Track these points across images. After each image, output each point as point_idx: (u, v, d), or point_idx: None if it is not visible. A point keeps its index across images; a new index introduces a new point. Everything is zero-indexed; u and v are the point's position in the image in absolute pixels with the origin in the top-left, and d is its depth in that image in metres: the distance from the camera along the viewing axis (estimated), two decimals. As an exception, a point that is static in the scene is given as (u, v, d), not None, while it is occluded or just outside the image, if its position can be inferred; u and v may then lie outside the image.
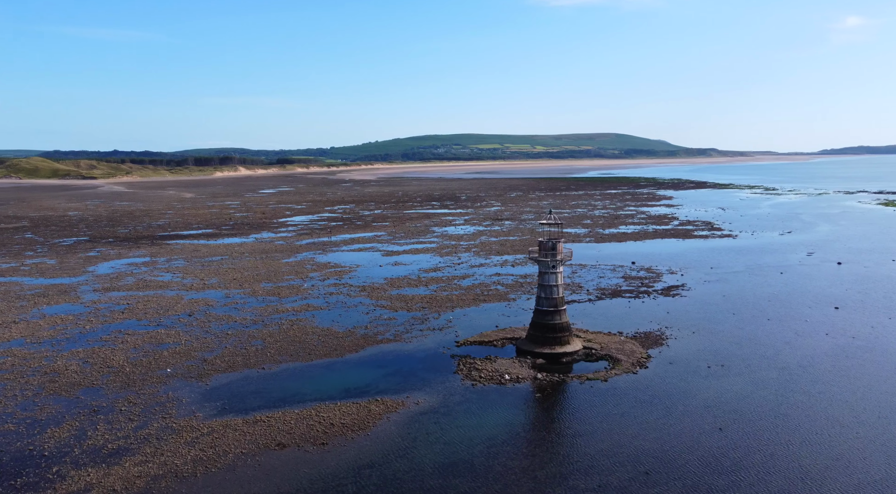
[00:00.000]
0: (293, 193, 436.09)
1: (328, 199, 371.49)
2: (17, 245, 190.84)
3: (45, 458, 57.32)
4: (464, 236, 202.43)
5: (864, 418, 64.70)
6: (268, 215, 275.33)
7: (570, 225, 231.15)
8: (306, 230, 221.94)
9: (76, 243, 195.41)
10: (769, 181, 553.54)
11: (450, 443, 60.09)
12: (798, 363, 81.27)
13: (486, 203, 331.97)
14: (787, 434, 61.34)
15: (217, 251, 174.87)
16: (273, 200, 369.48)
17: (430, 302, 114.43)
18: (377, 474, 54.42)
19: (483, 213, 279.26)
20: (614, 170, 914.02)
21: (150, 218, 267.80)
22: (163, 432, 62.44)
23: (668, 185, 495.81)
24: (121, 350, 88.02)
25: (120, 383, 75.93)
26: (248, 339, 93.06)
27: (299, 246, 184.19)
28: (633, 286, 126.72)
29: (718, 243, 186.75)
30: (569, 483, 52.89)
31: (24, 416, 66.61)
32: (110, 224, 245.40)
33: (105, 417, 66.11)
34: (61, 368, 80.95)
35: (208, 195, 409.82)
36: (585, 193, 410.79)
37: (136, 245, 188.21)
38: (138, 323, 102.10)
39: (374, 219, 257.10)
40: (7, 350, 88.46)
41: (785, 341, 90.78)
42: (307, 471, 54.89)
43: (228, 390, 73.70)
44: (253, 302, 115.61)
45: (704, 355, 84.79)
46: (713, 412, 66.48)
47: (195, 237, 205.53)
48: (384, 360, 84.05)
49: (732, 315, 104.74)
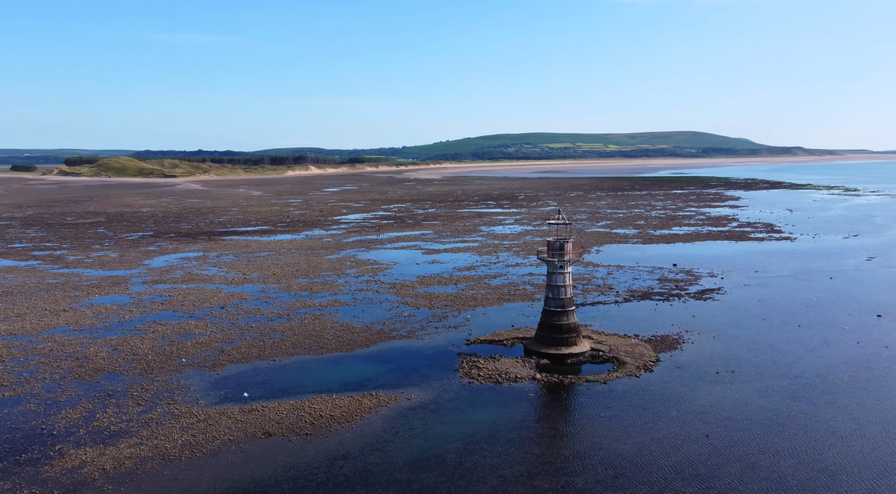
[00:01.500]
0: (355, 191, 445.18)
1: (387, 198, 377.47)
2: (88, 239, 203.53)
3: (53, 437, 61.85)
4: (508, 236, 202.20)
5: (865, 430, 61.65)
6: (324, 213, 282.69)
7: (621, 226, 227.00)
8: (357, 228, 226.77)
9: (140, 237, 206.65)
10: (852, 182, 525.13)
11: (429, 439, 61.10)
12: (815, 372, 77.87)
13: (542, 203, 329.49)
14: (775, 443, 59.22)
15: (266, 247, 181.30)
16: (334, 198, 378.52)
17: (453, 300, 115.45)
18: (349, 465, 56.06)
19: (535, 213, 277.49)
20: (687, 169, 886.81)
21: (214, 215, 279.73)
22: (163, 417, 66.13)
23: (739, 185, 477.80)
24: (149, 339, 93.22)
25: (140, 370, 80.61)
26: (268, 332, 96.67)
27: (345, 243, 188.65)
28: (665, 289, 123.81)
29: (773, 246, 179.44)
30: (533, 482, 52.99)
31: (46, 397, 71.86)
32: (176, 220, 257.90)
33: (116, 401, 70.51)
34: (91, 354, 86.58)
35: (275, 193, 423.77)
36: (648, 193, 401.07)
37: (193, 240, 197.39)
38: (173, 314, 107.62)
39: (426, 217, 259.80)
40: (50, 336, 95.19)
41: (809, 348, 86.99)
42: (284, 459, 57.10)
43: (235, 380, 77.07)
44: (284, 297, 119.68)
45: (717, 360, 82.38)
46: (705, 418, 64.82)
47: (250, 234, 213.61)
48: (391, 356, 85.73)
49: (762, 321, 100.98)
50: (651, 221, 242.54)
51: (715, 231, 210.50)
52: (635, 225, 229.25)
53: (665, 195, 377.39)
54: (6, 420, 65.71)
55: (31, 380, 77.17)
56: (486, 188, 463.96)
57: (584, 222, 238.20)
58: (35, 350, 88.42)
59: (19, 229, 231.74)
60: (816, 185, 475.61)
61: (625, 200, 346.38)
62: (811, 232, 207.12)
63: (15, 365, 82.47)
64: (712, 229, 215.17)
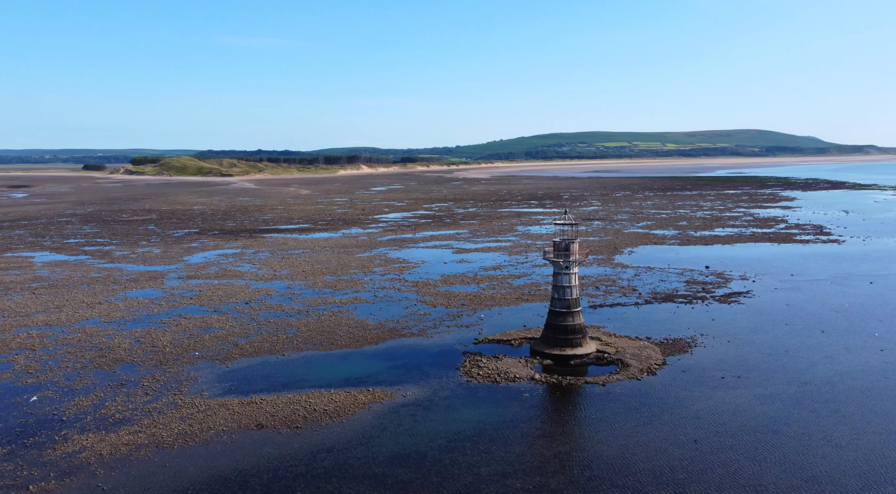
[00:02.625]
0: (401, 190, 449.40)
1: (431, 197, 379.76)
2: (136, 235, 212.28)
3: (62, 423, 65.36)
4: (543, 236, 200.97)
5: (863, 440, 59.40)
6: (366, 212, 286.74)
7: (662, 227, 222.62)
8: (394, 227, 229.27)
9: (186, 234, 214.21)
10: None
11: (414, 435, 61.94)
12: (826, 379, 75.25)
13: (585, 203, 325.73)
14: (765, 450, 57.70)
15: (302, 245, 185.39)
16: (379, 197, 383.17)
17: (472, 300, 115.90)
18: (331, 458, 57.41)
19: (576, 212, 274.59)
20: (747, 169, 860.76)
21: (260, 213, 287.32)
22: (166, 407, 68.98)
23: (798, 185, 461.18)
24: (171, 332, 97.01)
25: (155, 361, 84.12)
26: (285, 327, 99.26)
27: (379, 242, 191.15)
28: (691, 292, 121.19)
29: (818, 248, 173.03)
30: (506, 481, 53.22)
31: (64, 385, 75.86)
32: (223, 218, 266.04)
33: (127, 390, 73.88)
34: (115, 345, 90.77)
35: (322, 192, 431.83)
36: (699, 193, 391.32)
37: (235, 238, 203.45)
38: (199, 308, 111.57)
39: (465, 217, 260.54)
40: (81, 328, 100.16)
41: (826, 355, 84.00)
42: (269, 451, 58.90)
43: (242, 373, 79.60)
44: (308, 293, 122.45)
45: (726, 365, 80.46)
46: (699, 423, 63.59)
47: (289, 232, 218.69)
48: (398, 353, 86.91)
49: (784, 326, 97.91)
50: (694, 222, 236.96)
51: (759, 233, 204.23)
52: (677, 226, 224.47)
53: (716, 196, 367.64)
54: (24, 406, 69.73)
55: (55, 369, 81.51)
56: (532, 188, 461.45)
57: (624, 223, 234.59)
58: (65, 340, 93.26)
59: (77, 226, 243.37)
60: (882, 185, 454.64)
61: (672, 200, 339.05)
62: (862, 235, 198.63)
63: (44, 354, 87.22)
64: (756, 231, 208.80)
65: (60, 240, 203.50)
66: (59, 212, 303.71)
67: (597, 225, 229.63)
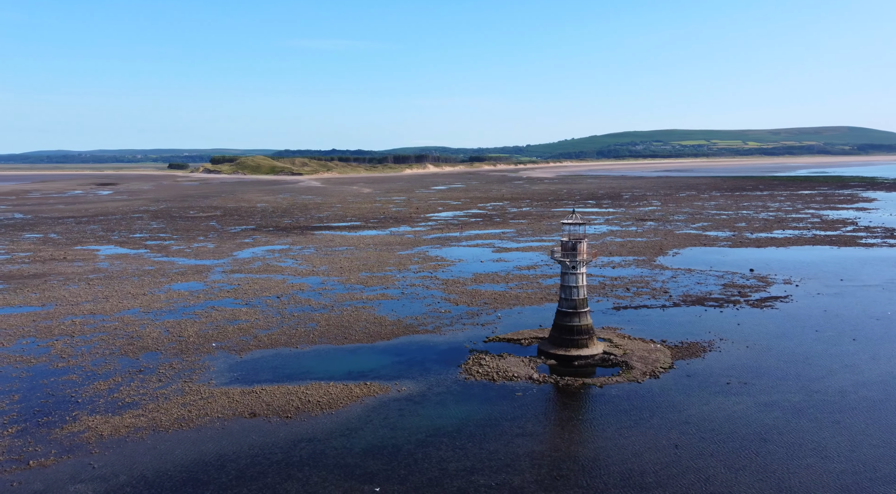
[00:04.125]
0: (461, 189, 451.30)
1: (489, 196, 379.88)
2: (196, 231, 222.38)
3: (77, 405, 70.02)
4: (589, 236, 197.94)
5: (857, 453, 56.58)
6: (420, 210, 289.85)
7: (718, 228, 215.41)
8: (443, 225, 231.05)
9: (242, 230, 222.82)
10: None
11: (396, 429, 63.15)
12: (839, 389, 71.77)
13: (645, 203, 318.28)
14: (748, 458, 55.86)
15: (348, 242, 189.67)
16: (437, 196, 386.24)
17: (495, 298, 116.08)
18: (309, 448, 59.32)
19: (632, 213, 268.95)
20: (832, 168, 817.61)
21: (317, 210, 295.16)
22: (173, 393, 72.75)
23: (884, 185, 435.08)
24: (200, 323, 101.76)
25: (177, 350, 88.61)
26: (306, 321, 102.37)
27: (424, 240, 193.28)
28: (724, 295, 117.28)
29: (880, 252, 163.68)
30: (471, 477, 53.70)
31: (89, 370, 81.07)
32: (281, 215, 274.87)
33: (143, 376, 78.27)
34: (145, 334, 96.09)
35: (383, 191, 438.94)
36: (770, 193, 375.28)
37: (286, 234, 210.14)
38: (232, 301, 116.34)
39: (516, 216, 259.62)
40: (120, 317, 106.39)
41: (848, 364, 79.97)
42: (254, 438, 61.38)
43: (253, 364, 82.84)
44: (339, 289, 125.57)
45: (735, 370, 77.88)
46: (687, 428, 62.06)
47: (340, 229, 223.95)
48: (406, 349, 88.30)
49: (813, 332, 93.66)
50: (753, 223, 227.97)
51: (820, 235, 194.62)
52: (734, 227, 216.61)
53: (788, 196, 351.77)
54: (48, 387, 75.06)
55: (86, 354, 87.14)
56: (594, 187, 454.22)
57: (679, 224, 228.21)
58: (102, 328, 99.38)
59: (145, 222, 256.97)
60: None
61: (738, 200, 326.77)
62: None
63: (80, 340, 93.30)
64: (818, 234, 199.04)
65: (127, 235, 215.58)
66: (134, 208, 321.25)
67: (649, 225, 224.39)
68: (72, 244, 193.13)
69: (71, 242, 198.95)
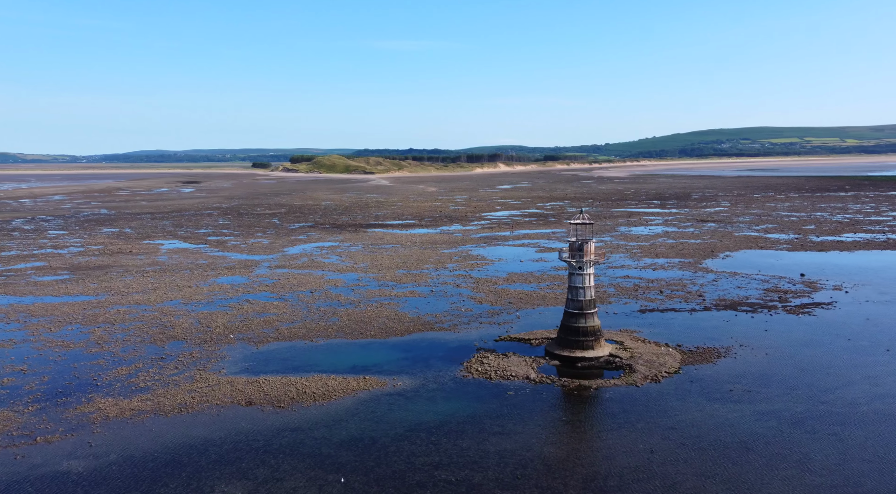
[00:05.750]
0: (525, 189, 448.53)
1: (552, 195, 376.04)
2: (257, 227, 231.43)
3: (95, 387, 75.12)
4: (640, 237, 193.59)
5: (845, 467, 53.73)
6: (477, 209, 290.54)
7: (782, 230, 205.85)
8: (495, 224, 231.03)
9: (299, 227, 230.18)
10: None
11: (380, 422, 64.59)
12: (851, 400, 68.06)
13: (713, 203, 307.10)
14: (721, 467, 54.05)
15: (396, 240, 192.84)
16: (499, 195, 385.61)
17: (521, 298, 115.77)
18: (291, 437, 61.56)
19: (696, 214, 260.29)
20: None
21: (377, 209, 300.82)
22: (184, 380, 76.81)
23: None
24: (230, 315, 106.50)
25: (201, 340, 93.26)
26: (330, 316, 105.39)
27: (471, 239, 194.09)
28: (762, 300, 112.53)
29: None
30: (434, 471, 54.44)
31: (117, 356, 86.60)
32: (341, 213, 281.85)
33: (162, 364, 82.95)
34: (177, 324, 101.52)
35: (447, 190, 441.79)
36: (855, 194, 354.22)
37: (340, 231, 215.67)
38: (267, 295, 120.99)
39: (571, 216, 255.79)
40: (161, 308, 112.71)
41: (870, 375, 75.54)
42: (243, 425, 64.22)
43: (267, 355, 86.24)
44: (371, 285, 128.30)
45: (744, 377, 75.02)
46: (668, 434, 60.55)
47: (393, 227, 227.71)
48: (415, 346, 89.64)
49: (845, 341, 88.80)
50: (824, 226, 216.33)
51: (894, 240, 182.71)
52: (800, 230, 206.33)
53: (875, 197, 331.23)
54: (75, 370, 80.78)
55: (119, 341, 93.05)
56: (664, 187, 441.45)
57: (741, 225, 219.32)
58: (142, 318, 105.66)
59: (214, 218, 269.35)
60: None
61: (816, 202, 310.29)
62: None
63: (119, 328, 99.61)
64: (892, 238, 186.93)
65: (193, 230, 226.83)
66: (208, 205, 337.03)
67: (709, 227, 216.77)
68: (141, 239, 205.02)
69: (141, 236, 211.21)
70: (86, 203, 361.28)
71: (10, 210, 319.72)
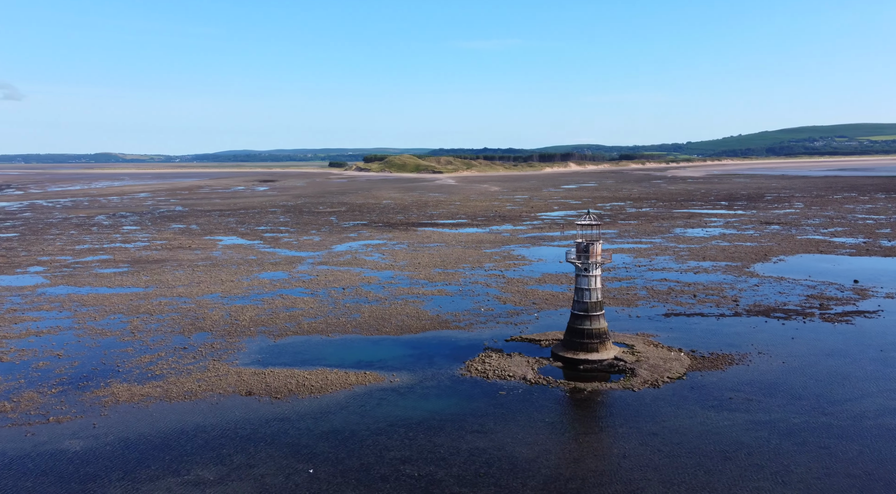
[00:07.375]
0: (590, 188, 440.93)
1: (616, 195, 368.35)
2: (313, 225, 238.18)
3: (116, 373, 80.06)
4: (693, 239, 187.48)
5: (826, 482, 51.31)
6: (533, 209, 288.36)
7: (851, 234, 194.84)
8: (546, 225, 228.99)
9: (354, 225, 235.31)
10: None
11: (365, 416, 66.12)
12: (859, 414, 64.50)
13: (785, 205, 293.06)
14: (691, 476, 52.56)
15: (443, 239, 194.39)
16: (561, 195, 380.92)
17: (546, 299, 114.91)
18: (276, 427, 63.94)
19: (762, 216, 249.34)
20: None
21: (434, 208, 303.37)
22: (197, 370, 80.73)
23: None
24: (260, 309, 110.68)
25: (225, 332, 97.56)
26: (353, 312, 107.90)
27: (517, 239, 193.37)
28: (800, 307, 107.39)
29: None
30: (401, 466, 55.43)
31: (146, 344, 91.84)
32: (398, 212, 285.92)
33: (183, 353, 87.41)
34: (209, 316, 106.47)
35: (510, 189, 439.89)
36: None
37: (390, 230, 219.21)
38: (301, 291, 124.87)
39: (628, 217, 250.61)
40: (200, 300, 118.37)
41: (889, 388, 71.34)
42: (236, 414, 67.12)
43: (281, 348, 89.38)
44: (404, 283, 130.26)
45: (750, 386, 72.24)
46: (648, 439, 59.28)
47: (443, 226, 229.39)
48: (426, 343, 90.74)
49: (876, 352, 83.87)
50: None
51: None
52: (872, 234, 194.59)
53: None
54: (104, 357, 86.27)
55: (152, 331, 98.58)
56: (738, 187, 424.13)
57: (807, 228, 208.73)
58: (178, 309, 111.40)
59: (276, 215, 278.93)
60: None
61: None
62: None
63: (156, 319, 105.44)
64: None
65: (253, 227, 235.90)
66: (275, 203, 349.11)
67: (771, 229, 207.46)
68: (203, 235, 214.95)
69: (204, 232, 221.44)
70: (165, 201, 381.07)
71: (98, 207, 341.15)
